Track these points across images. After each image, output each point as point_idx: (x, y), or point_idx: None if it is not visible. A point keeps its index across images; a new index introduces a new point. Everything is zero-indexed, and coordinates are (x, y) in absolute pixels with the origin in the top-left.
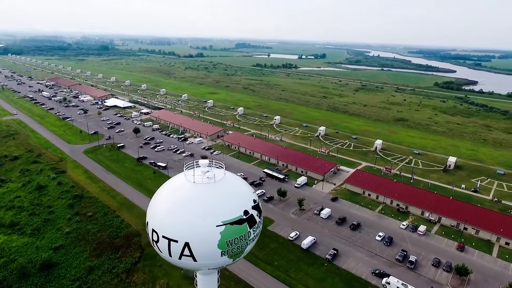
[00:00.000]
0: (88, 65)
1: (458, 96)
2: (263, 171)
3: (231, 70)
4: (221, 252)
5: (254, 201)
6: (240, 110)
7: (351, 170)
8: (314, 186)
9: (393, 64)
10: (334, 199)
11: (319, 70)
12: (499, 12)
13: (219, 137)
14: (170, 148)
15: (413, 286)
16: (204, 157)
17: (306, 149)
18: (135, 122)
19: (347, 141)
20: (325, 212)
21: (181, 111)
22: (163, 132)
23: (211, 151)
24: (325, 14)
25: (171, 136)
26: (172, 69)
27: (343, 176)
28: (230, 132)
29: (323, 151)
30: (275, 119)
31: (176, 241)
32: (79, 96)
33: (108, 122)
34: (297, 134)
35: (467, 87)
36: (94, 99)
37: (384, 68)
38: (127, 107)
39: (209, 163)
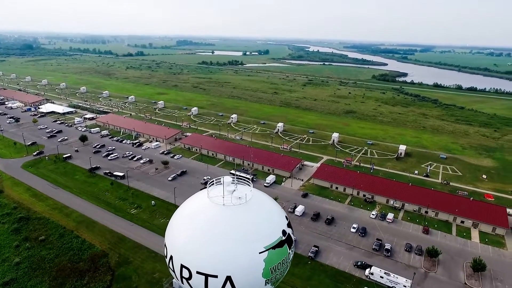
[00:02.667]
0: (11, 67)
1: (394, 88)
2: (230, 173)
3: (176, 68)
4: (265, 281)
5: (286, 218)
6: (194, 110)
7: (315, 165)
8: (283, 184)
9: (333, 59)
10: (305, 195)
11: (265, 66)
12: (419, 11)
13: (177, 140)
14: (125, 155)
15: (393, 273)
16: (165, 163)
17: (268, 147)
18: (80, 129)
19: (305, 136)
20: (299, 209)
21: (130, 114)
22: (114, 138)
23: (171, 155)
24: (264, 11)
25: (124, 142)
26: (112, 69)
27: (308, 172)
28: (188, 134)
29: (285, 147)
30: (232, 118)
31: (216, 276)
32: (6, 103)
33: (47, 130)
34: (256, 131)
35: (399, 79)
36: (25, 105)
37: (326, 63)
38: (68, 113)
39: (233, 180)
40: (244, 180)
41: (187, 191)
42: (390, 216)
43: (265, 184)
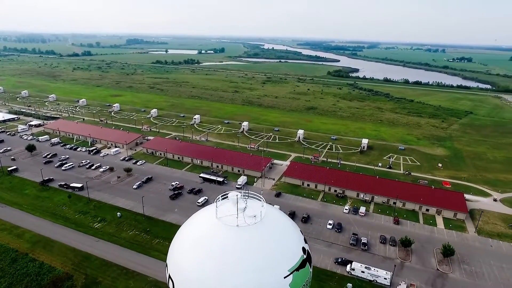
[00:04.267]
0: None
1: (349, 83)
2: (199, 176)
3: (129, 68)
4: None
5: (301, 232)
6: (154, 112)
7: (285, 163)
8: (255, 184)
9: (288, 56)
10: (278, 195)
11: (222, 64)
12: (365, 10)
13: (138, 144)
14: (81, 164)
15: (373, 267)
16: (128, 170)
17: (235, 147)
18: (25, 138)
19: (270, 134)
20: None
21: (83, 119)
22: (67, 146)
23: (134, 161)
24: (217, 8)
25: (79, 149)
26: (57, 71)
27: (279, 170)
28: (150, 137)
29: (252, 146)
30: (194, 119)
31: None
32: None
33: None
34: (221, 132)
35: (353, 75)
36: None
37: (282, 60)
38: (9, 120)
39: (243, 194)
40: (254, 195)
41: (155, 199)
42: (362, 209)
43: (237, 186)
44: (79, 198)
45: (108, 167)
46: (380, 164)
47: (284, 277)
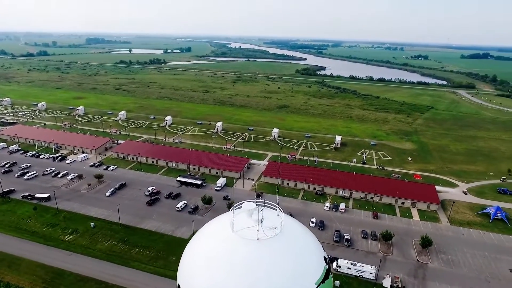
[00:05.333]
0: None
1: (317, 81)
2: (176, 180)
3: (91, 69)
4: None
5: (318, 240)
6: (122, 114)
7: (262, 162)
8: (234, 186)
9: (256, 55)
10: (259, 195)
11: (189, 64)
12: (327, 9)
13: (108, 149)
14: (46, 172)
15: (358, 262)
16: (99, 176)
17: (211, 148)
18: None
19: (245, 133)
20: None
21: (44, 124)
22: (29, 154)
23: (104, 167)
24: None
25: (41, 157)
26: (10, 72)
27: (257, 170)
28: (120, 141)
29: (228, 147)
30: (166, 120)
31: None
32: None
33: None
34: (195, 133)
35: (320, 73)
36: None
37: (250, 59)
38: None
39: (259, 204)
40: (270, 204)
41: (131, 206)
42: (342, 206)
43: (216, 188)
44: (46, 210)
45: (76, 174)
46: (354, 160)
47: None
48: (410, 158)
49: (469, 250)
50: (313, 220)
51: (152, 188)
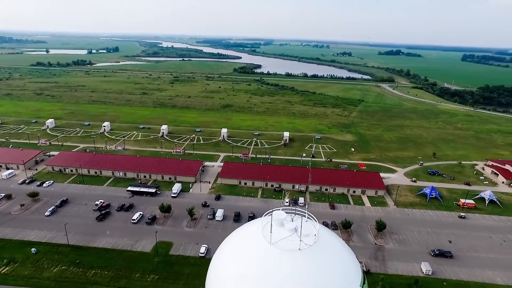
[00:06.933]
0: None
1: (256, 79)
2: (127, 190)
3: (2, 72)
4: None
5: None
6: (50, 122)
7: (216, 164)
8: (191, 190)
9: (190, 54)
10: (218, 198)
11: (120, 65)
12: (257, 8)
13: (39, 162)
14: None
15: None
16: (33, 194)
17: (159, 153)
18: None
19: (193, 135)
20: (219, 213)
21: None
22: None
23: (37, 183)
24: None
25: None
26: None
27: (212, 172)
28: (54, 153)
29: (178, 150)
30: (104, 126)
31: None
32: None
33: None
34: (139, 138)
35: (257, 71)
36: None
37: (185, 59)
38: None
39: (289, 211)
40: (300, 211)
41: (79, 224)
42: (301, 200)
43: (172, 195)
44: None
45: (3, 194)
46: (304, 155)
47: None
48: (353, 149)
49: (415, 228)
50: None
51: (101, 202)
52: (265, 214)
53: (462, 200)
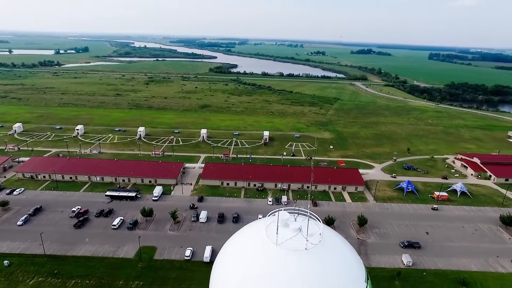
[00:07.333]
0: None
1: (232, 79)
2: (106, 195)
3: None
4: None
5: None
6: (18, 127)
7: (196, 165)
8: (172, 193)
9: (164, 54)
10: (201, 199)
11: (90, 65)
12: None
13: (8, 169)
14: None
15: None
16: (3, 203)
17: (137, 155)
18: None
19: (172, 137)
20: (203, 215)
21: None
22: None
23: (7, 191)
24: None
25: None
26: None
27: (193, 174)
28: (23, 159)
29: (157, 152)
30: (77, 130)
31: None
32: None
33: None
34: (115, 141)
35: (233, 70)
36: None
37: (159, 59)
38: None
39: (292, 212)
40: (303, 211)
41: (55, 232)
42: (284, 198)
43: (153, 198)
44: None
45: None
46: (284, 153)
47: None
48: (331, 146)
49: (394, 222)
50: (260, 216)
51: (78, 208)
52: (268, 214)
53: (436, 193)
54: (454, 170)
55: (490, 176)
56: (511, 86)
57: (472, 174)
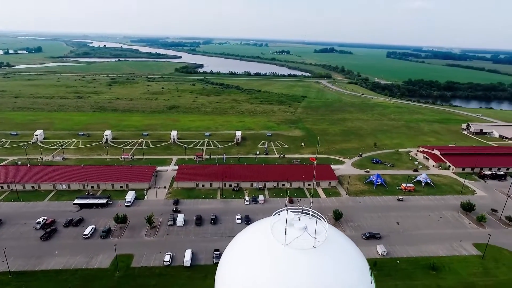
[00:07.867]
0: None
1: (199, 79)
2: (74, 203)
3: None
4: None
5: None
6: None
7: (169, 168)
8: (146, 197)
9: (126, 54)
10: (176, 202)
11: (45, 66)
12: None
13: None
14: None
15: None
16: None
17: (105, 160)
18: None
19: (141, 139)
20: (180, 218)
21: None
22: None
23: None
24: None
25: None
26: None
27: (166, 177)
28: None
29: (126, 156)
30: (36, 135)
31: None
32: None
33: None
34: (79, 146)
35: (200, 70)
36: None
37: (121, 59)
38: None
39: (295, 211)
40: (307, 210)
41: (19, 246)
42: (261, 197)
43: (126, 204)
44: None
45: None
46: (258, 152)
47: (371, 283)
48: (303, 144)
49: (367, 214)
50: (238, 216)
51: (44, 219)
52: (273, 214)
53: (404, 185)
54: (417, 162)
55: (449, 166)
56: (461, 82)
57: (433, 165)
